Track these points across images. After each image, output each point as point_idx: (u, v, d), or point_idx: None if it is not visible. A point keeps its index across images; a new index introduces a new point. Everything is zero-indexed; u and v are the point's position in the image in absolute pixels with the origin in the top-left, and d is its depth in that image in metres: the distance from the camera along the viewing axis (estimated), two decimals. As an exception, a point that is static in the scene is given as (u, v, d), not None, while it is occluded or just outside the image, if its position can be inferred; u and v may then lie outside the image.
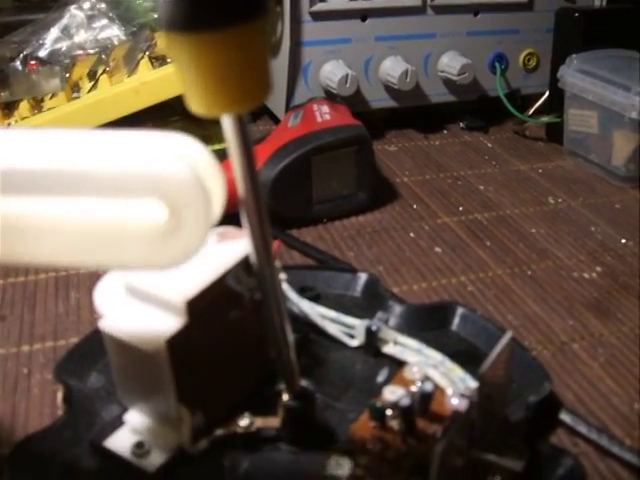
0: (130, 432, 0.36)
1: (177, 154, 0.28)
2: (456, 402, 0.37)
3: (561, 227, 0.62)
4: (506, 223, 0.62)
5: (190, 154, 0.30)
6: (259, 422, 0.36)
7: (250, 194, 0.29)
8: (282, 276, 0.40)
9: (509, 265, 0.56)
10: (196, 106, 0.27)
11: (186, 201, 0.28)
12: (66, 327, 0.48)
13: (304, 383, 0.37)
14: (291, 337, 0.35)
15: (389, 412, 0.36)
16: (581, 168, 0.74)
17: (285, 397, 0.36)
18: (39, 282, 0.52)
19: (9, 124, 0.70)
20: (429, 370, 0.39)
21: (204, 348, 0.35)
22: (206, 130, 0.75)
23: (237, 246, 0.35)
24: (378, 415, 0.36)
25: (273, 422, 0.36)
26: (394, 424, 0.36)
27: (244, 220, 0.31)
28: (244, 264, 0.35)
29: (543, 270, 0.55)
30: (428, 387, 0.36)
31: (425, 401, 0.36)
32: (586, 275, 0.55)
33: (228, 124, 0.28)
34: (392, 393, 0.37)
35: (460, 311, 0.45)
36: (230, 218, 0.35)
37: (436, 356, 0.40)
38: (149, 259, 0.29)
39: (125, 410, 0.37)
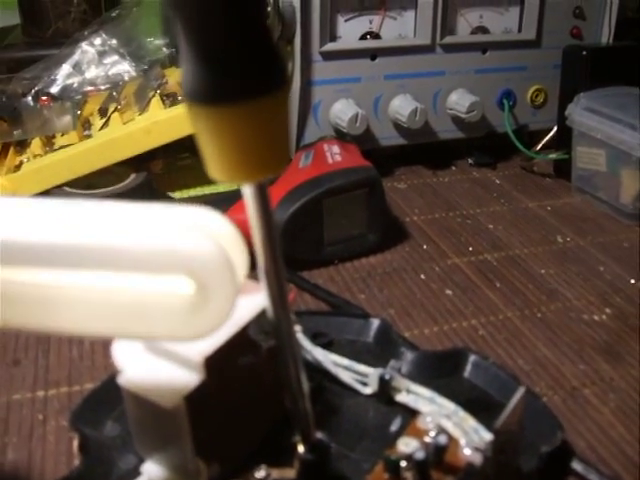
0: (147, 483, 0.37)
1: (203, 231, 0.28)
2: (469, 453, 0.37)
3: (570, 267, 0.62)
4: (515, 264, 0.62)
5: (214, 228, 0.31)
6: (275, 474, 0.37)
7: (269, 258, 0.30)
8: (297, 327, 0.41)
9: (519, 307, 0.56)
10: (217, 175, 0.27)
11: (213, 277, 0.28)
12: (80, 372, 0.48)
13: (319, 435, 0.37)
14: (307, 389, 0.35)
15: (403, 464, 0.36)
16: (589, 205, 0.74)
17: (300, 449, 0.36)
18: (53, 325, 0.53)
19: (21, 162, 0.71)
20: (442, 420, 0.39)
21: (221, 400, 0.35)
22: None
23: (254, 300, 0.36)
24: (392, 467, 0.36)
25: (289, 474, 0.37)
26: (408, 476, 0.36)
27: (262, 279, 0.31)
28: (261, 316, 0.36)
29: (553, 312, 0.55)
30: (442, 440, 0.36)
31: (439, 453, 0.37)
32: (596, 317, 0.55)
33: (248, 191, 0.28)
34: (406, 445, 0.37)
35: (472, 358, 0.46)
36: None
37: (449, 405, 0.40)
38: (175, 331, 0.30)
39: (141, 460, 0.37)
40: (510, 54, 0.82)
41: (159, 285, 0.29)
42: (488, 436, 0.37)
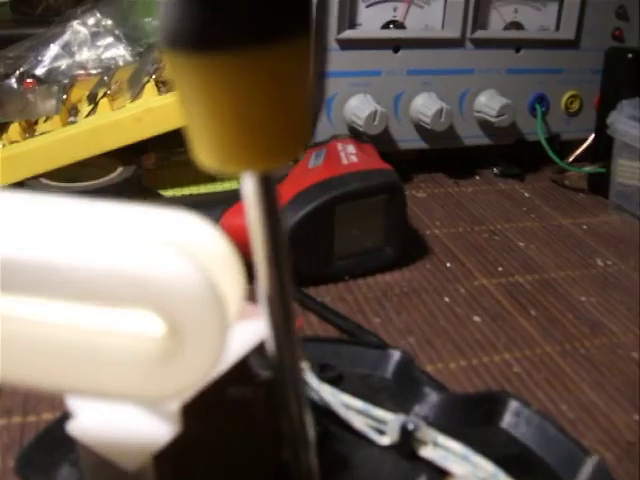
0: None
1: (183, 248, 0.20)
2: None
3: (613, 295, 0.54)
4: (551, 288, 0.54)
5: (199, 243, 0.22)
6: None
7: (274, 278, 0.22)
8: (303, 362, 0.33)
9: (559, 341, 0.48)
10: (206, 158, 0.19)
11: (191, 316, 0.20)
12: (38, 399, 0.40)
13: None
14: (312, 439, 0.27)
15: None
16: (629, 225, 0.66)
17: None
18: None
19: (-5, 148, 0.63)
20: (479, 486, 0.31)
21: (201, 458, 0.27)
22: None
23: (249, 329, 0.28)
24: None
25: None
26: None
27: (263, 305, 0.23)
28: (257, 351, 0.28)
29: (598, 348, 0.48)
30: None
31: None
32: (647, 356, 0.47)
33: (250, 185, 0.20)
34: (436, 520, 0.29)
35: (512, 405, 0.38)
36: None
37: (487, 467, 0.33)
38: (135, 389, 0.21)
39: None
40: (545, 54, 0.74)
41: (117, 323, 0.21)
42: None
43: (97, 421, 0.26)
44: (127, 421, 0.25)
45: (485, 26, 0.71)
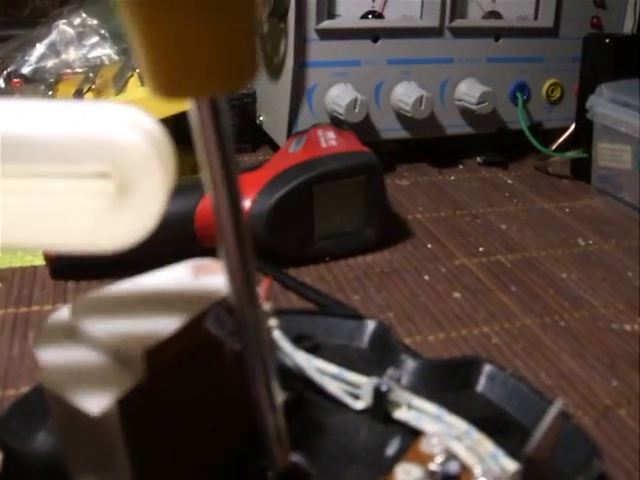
0: (76, 515, 0.29)
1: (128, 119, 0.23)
2: (486, 485, 0.29)
3: (594, 272, 0.54)
4: (532, 267, 0.55)
5: (143, 123, 0.24)
6: (238, 506, 0.29)
7: (227, 210, 0.22)
8: (273, 322, 0.33)
9: (538, 314, 0.48)
10: (154, 85, 0.19)
11: (137, 173, 0.23)
12: (19, 373, 0.40)
13: (295, 458, 0.29)
14: (279, 399, 0.28)
15: (402, 497, 0.28)
16: (611, 207, 0.67)
17: (271, 476, 0.28)
18: (-6, 319, 0.45)
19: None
20: (452, 443, 0.32)
21: (170, 412, 0.27)
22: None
23: (217, 283, 0.28)
24: (389, 501, 0.28)
25: (256, 507, 0.29)
26: (409, 512, 0.28)
27: (219, 244, 0.24)
28: (225, 305, 0.28)
29: (578, 320, 0.48)
30: (453, 468, 0.29)
31: (448, 484, 0.29)
32: (627, 327, 0.47)
33: (197, 112, 0.20)
34: (406, 473, 0.29)
35: (487, 369, 0.38)
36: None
37: (460, 425, 0.33)
38: (91, 236, 0.24)
39: (73, 483, 0.29)
40: (525, 43, 0.75)
41: (76, 186, 0.23)
42: (511, 464, 0.30)
43: (64, 370, 0.26)
44: (94, 368, 0.26)
45: (463, 15, 0.72)
